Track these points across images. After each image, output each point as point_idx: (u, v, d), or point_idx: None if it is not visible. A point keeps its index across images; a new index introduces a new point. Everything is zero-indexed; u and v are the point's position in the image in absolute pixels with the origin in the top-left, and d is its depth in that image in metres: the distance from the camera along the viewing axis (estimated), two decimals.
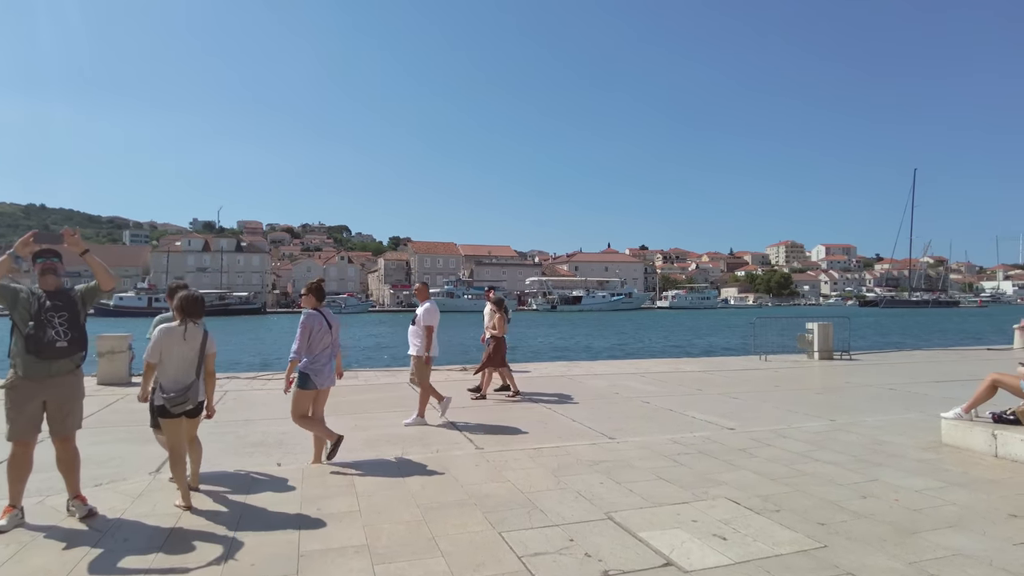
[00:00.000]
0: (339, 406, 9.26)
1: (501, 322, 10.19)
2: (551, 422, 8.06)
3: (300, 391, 5.78)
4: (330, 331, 5.88)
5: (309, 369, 5.73)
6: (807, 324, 17.09)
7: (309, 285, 5.97)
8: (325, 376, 5.84)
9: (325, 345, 5.82)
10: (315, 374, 5.74)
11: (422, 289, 8.61)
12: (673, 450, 6.27)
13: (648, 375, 13.10)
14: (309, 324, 5.74)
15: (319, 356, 5.78)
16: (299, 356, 5.73)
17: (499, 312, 10.25)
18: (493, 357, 10.04)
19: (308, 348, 5.73)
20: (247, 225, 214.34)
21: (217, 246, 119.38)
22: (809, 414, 8.57)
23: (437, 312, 8.20)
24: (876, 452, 6.18)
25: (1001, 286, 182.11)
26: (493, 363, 10.08)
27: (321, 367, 5.78)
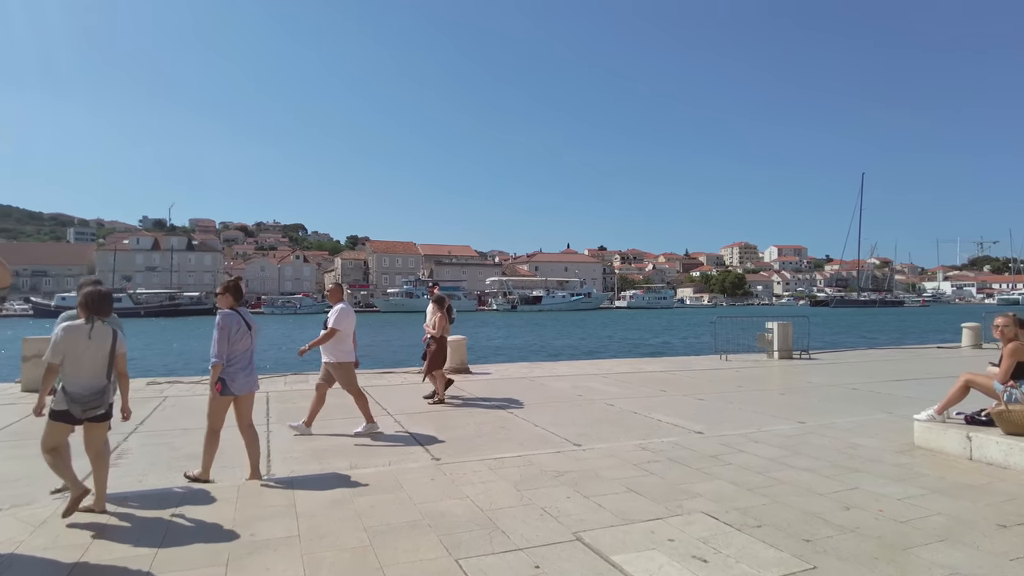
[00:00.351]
0: (287, 413, 8.68)
1: (442, 322, 9.59)
2: (513, 428, 7.64)
3: (215, 397, 5.29)
4: (249, 332, 5.40)
5: (225, 373, 5.25)
6: (767, 324, 17.09)
7: (226, 283, 5.53)
8: (243, 381, 5.36)
9: (244, 348, 5.37)
10: (231, 379, 5.27)
11: (335, 291, 7.92)
12: (642, 458, 5.92)
13: (611, 376, 12.81)
14: (227, 325, 5.27)
15: (237, 359, 5.32)
16: (221, 360, 5.24)
17: (440, 311, 9.65)
18: (435, 359, 9.49)
19: (227, 351, 5.27)
20: (200, 223, 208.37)
21: (167, 244, 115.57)
22: (777, 416, 8.35)
23: (351, 316, 7.59)
24: (851, 457, 5.94)
25: (941, 286, 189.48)
26: (436, 365, 9.52)
27: (238, 371, 5.31)
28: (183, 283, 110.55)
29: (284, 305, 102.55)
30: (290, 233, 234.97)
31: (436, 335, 9.51)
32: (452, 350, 13.20)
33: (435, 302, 9.79)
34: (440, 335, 9.55)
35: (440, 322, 9.54)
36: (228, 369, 5.26)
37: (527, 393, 10.52)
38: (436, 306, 9.70)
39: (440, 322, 9.54)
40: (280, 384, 11.68)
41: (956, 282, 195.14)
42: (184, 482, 5.29)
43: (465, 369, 13.21)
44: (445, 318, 9.68)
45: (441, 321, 9.55)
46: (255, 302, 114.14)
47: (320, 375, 7.83)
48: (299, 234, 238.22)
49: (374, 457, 6.22)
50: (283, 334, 45.98)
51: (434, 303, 9.79)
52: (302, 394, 10.40)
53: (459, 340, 13.32)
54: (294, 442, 6.98)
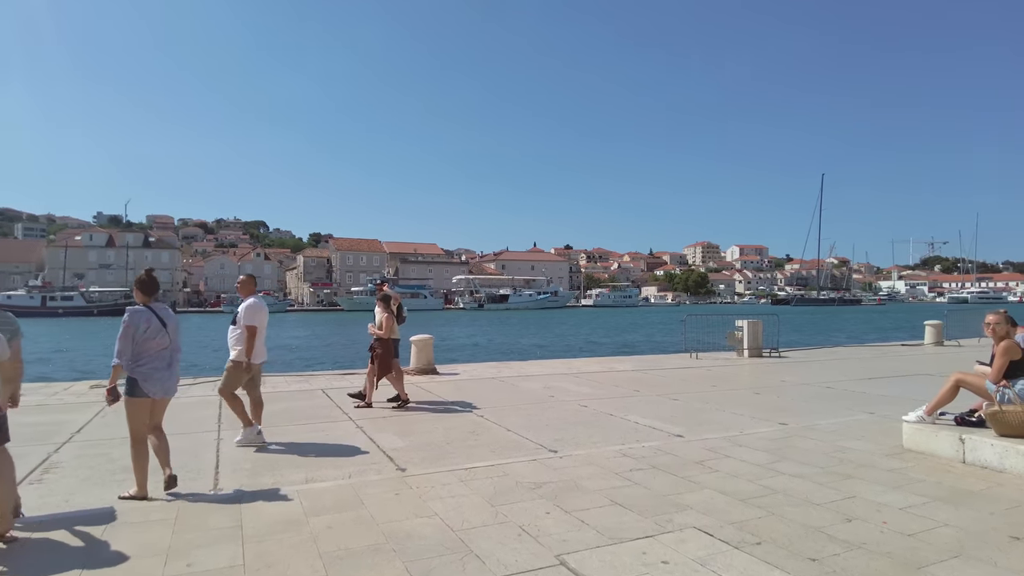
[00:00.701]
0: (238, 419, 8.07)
1: (389, 322, 8.90)
2: (484, 433, 7.19)
3: (129, 400, 4.79)
4: (165, 330, 4.90)
5: (137, 373, 4.76)
6: (737, 322, 16.96)
7: (138, 278, 5.04)
8: (160, 382, 4.86)
9: (160, 346, 4.87)
10: (144, 379, 4.78)
11: (246, 282, 7.05)
12: (624, 465, 5.53)
13: (582, 376, 12.45)
14: (133, 323, 4.77)
15: (151, 359, 4.82)
16: (121, 361, 4.74)
17: (387, 311, 8.98)
18: (382, 361, 8.83)
19: (136, 350, 4.79)
20: (157, 220, 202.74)
21: (123, 241, 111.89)
22: (756, 417, 8.07)
23: (263, 310, 6.84)
24: (841, 461, 5.64)
25: (896, 285, 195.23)
26: (386, 368, 8.86)
27: (152, 371, 4.81)
28: None
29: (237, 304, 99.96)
30: (251, 230, 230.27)
31: (385, 336, 8.85)
32: (419, 350, 12.71)
33: (381, 300, 9.07)
34: (387, 336, 8.89)
35: (387, 322, 8.86)
36: (140, 369, 4.78)
37: (497, 394, 10.08)
38: (382, 305, 9.01)
39: (387, 322, 8.86)
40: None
41: (910, 281, 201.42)
42: (119, 501, 4.72)
43: (432, 370, 12.70)
44: (392, 318, 9.02)
45: (388, 321, 8.87)
46: (214, 301, 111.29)
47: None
48: (260, 231, 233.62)
49: (333, 468, 5.70)
50: None
51: (380, 301, 9.08)
52: None
53: (426, 340, 12.82)
54: (245, 451, 6.41)
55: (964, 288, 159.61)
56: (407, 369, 12.68)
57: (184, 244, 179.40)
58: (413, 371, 12.51)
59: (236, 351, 6.73)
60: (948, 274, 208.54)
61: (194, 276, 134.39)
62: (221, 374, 7.22)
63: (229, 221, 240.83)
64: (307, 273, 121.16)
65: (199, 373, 20.65)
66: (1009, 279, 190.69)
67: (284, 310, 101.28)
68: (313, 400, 9.56)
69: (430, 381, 11.66)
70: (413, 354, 12.74)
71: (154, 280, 5.04)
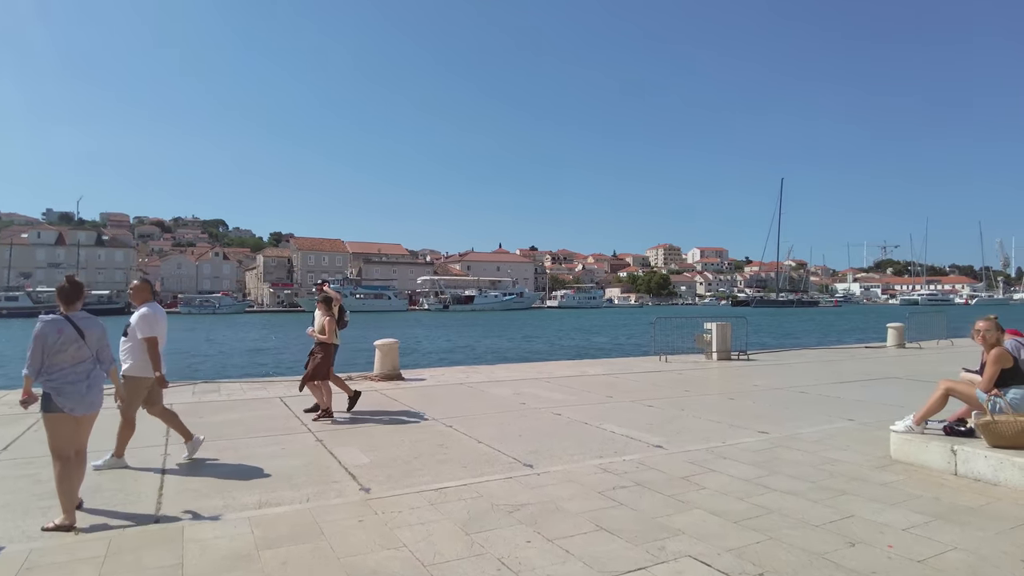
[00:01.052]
0: (191, 429, 7.49)
1: (331, 325, 8.38)
2: (454, 445, 6.76)
3: (47, 416, 4.35)
4: (83, 340, 4.45)
5: (48, 386, 4.32)
6: (705, 324, 16.87)
7: (58, 285, 4.61)
8: (75, 397, 4.39)
9: (76, 359, 4.43)
10: (57, 392, 4.32)
11: (140, 288, 6.12)
12: (606, 482, 5.17)
13: (553, 380, 12.12)
14: (43, 332, 4.34)
15: (66, 372, 4.38)
16: (31, 372, 4.31)
17: (328, 313, 8.45)
18: (319, 367, 8.23)
19: (48, 362, 4.36)
20: (111, 217, 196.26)
21: (74, 239, 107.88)
22: (736, 426, 7.82)
23: (161, 319, 6.01)
24: (831, 475, 5.39)
25: (851, 287, 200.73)
26: (320, 374, 8.26)
27: (64, 385, 4.35)
28: (92, 281, 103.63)
29: (202, 304, 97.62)
30: (210, 229, 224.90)
31: (327, 341, 8.28)
32: (383, 354, 12.19)
33: (322, 302, 8.53)
34: (328, 341, 8.32)
35: (328, 326, 8.33)
36: (51, 382, 4.33)
37: (466, 402, 9.66)
38: (323, 307, 8.47)
39: (328, 326, 8.33)
40: (188, 394, 10.37)
41: (864, 283, 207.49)
42: (42, 533, 4.17)
43: (397, 375, 12.21)
44: (334, 321, 8.48)
45: (330, 324, 8.35)
46: (171, 302, 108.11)
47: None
48: (219, 230, 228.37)
49: (290, 489, 5.21)
50: (200, 337, 43.24)
51: (320, 303, 8.54)
52: (212, 407, 9.21)
53: (390, 344, 12.32)
54: (194, 469, 5.87)
55: (915, 291, 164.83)
56: (371, 375, 12.17)
57: (140, 243, 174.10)
58: (377, 377, 12.01)
59: (128, 365, 5.92)
60: (900, 277, 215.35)
61: (150, 276, 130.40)
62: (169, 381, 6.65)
63: (187, 220, 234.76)
64: (267, 273, 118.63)
65: None
66: (955, 282, 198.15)
67: (243, 311, 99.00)
68: (270, 409, 9.01)
69: (395, 388, 11.18)
70: (377, 359, 12.23)
71: (76, 287, 4.59)
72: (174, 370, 24.23)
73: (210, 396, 10.28)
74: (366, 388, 11.10)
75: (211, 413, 8.75)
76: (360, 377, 12.27)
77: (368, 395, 10.33)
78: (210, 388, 11.19)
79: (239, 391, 10.92)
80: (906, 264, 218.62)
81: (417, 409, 9.00)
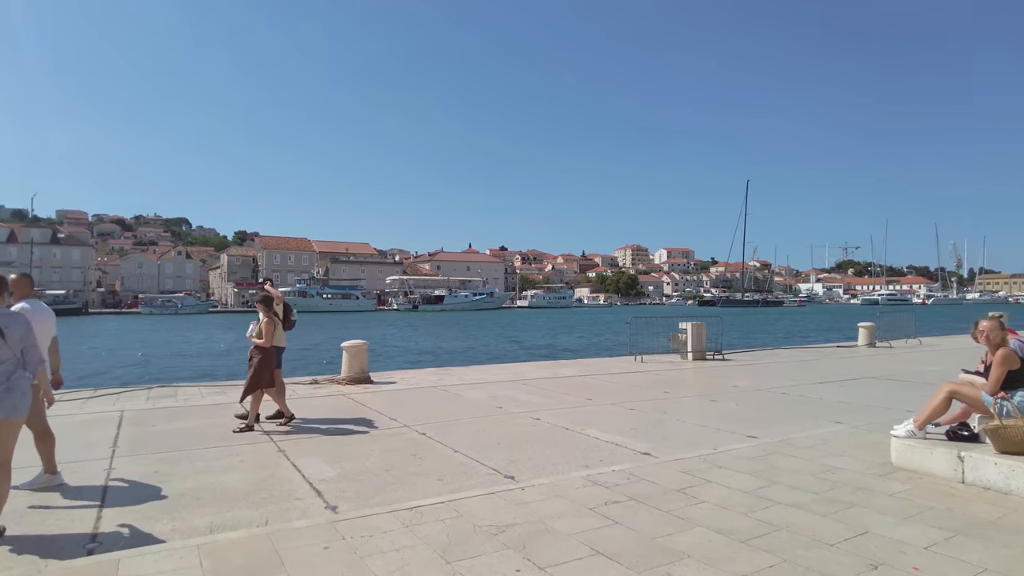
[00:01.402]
0: (142, 439, 6.90)
1: (269, 327, 7.58)
2: (428, 455, 6.28)
3: None
4: (3, 340, 3.90)
5: None
6: (680, 324, 16.64)
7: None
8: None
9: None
10: None
11: (19, 283, 5.18)
12: (596, 497, 4.75)
13: (529, 383, 11.70)
14: None
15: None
16: None
17: (267, 314, 7.67)
18: (259, 374, 7.41)
19: None
20: (68, 215, 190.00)
21: (27, 237, 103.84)
22: (723, 430, 7.48)
23: (41, 318, 5.10)
24: (834, 484, 5.05)
25: (814, 287, 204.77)
26: (258, 382, 7.43)
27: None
28: (46, 280, 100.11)
29: (164, 305, 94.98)
30: (173, 227, 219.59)
31: (265, 344, 7.52)
32: (351, 356, 11.62)
33: (261, 303, 7.75)
34: (268, 344, 7.56)
35: (267, 328, 7.55)
36: None
37: (440, 406, 9.17)
38: (263, 308, 7.69)
39: (267, 328, 7.55)
40: (141, 401, 9.68)
41: (826, 283, 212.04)
42: None
43: (366, 378, 11.64)
44: (273, 322, 7.72)
45: (268, 326, 7.56)
46: (131, 302, 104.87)
47: None
48: (183, 229, 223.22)
49: (247, 508, 4.68)
50: (160, 338, 41.78)
51: (260, 304, 7.76)
52: (167, 414, 8.58)
53: (359, 345, 11.74)
54: (142, 486, 5.29)
55: (875, 291, 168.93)
56: (338, 379, 11.60)
57: (99, 241, 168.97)
58: (344, 380, 11.43)
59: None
60: (860, 277, 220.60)
61: (109, 275, 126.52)
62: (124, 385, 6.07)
63: (149, 218, 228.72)
64: (231, 273, 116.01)
65: (104, 383, 18.79)
66: (913, 282, 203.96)
67: (207, 311, 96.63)
68: (230, 416, 8.39)
69: (364, 392, 10.62)
70: (345, 361, 11.65)
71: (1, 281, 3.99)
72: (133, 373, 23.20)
73: (166, 401, 9.61)
74: (333, 392, 10.55)
75: (165, 420, 8.14)
76: (327, 380, 11.69)
77: (335, 400, 9.78)
78: (167, 393, 10.50)
79: (197, 396, 10.26)
80: (866, 265, 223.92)
81: (387, 414, 8.48)
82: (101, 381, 19.55)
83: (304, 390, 10.76)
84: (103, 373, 22.94)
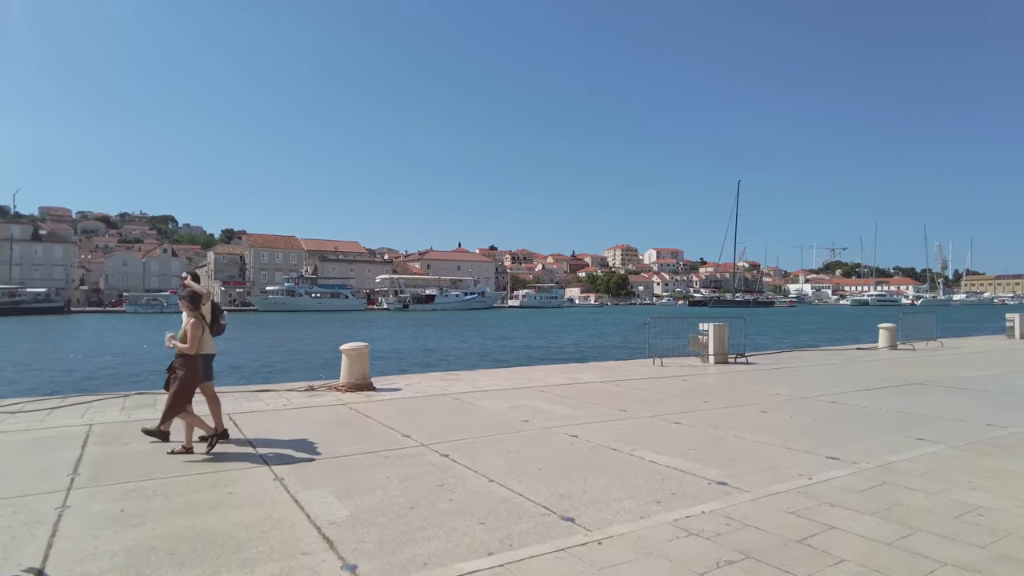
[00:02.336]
0: (109, 464, 5.68)
1: (195, 332, 6.04)
2: (457, 486, 5.14)
3: None
4: None
5: None
6: (701, 325, 15.61)
7: None
8: None
9: None
10: None
11: None
12: (700, 555, 3.63)
13: (547, 390, 10.59)
14: None
15: None
16: None
17: (194, 315, 6.19)
18: (184, 391, 6.02)
19: None
20: (51, 212, 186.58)
21: (7, 234, 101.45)
22: (793, 448, 6.41)
23: None
24: (995, 532, 3.96)
25: (803, 288, 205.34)
26: (183, 398, 6.04)
27: None
28: (27, 278, 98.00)
29: (149, 303, 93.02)
30: (158, 225, 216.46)
31: (190, 351, 6.02)
32: (351, 361, 10.44)
33: (185, 300, 6.25)
34: (193, 351, 6.04)
35: (192, 331, 6.04)
36: None
37: (457, 419, 8.03)
38: (187, 306, 6.22)
39: (192, 331, 6.04)
40: (115, 411, 8.46)
41: (815, 284, 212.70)
42: None
43: (368, 385, 10.47)
44: (201, 325, 6.22)
45: (194, 330, 6.06)
46: (115, 300, 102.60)
47: None
48: (169, 226, 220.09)
49: (238, 569, 3.53)
50: (143, 338, 40.24)
51: (184, 302, 6.25)
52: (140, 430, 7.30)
53: (360, 348, 10.56)
54: (103, 530, 4.12)
55: (864, 291, 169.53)
56: (337, 385, 10.43)
57: (83, 238, 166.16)
58: (344, 387, 10.27)
59: None
60: (848, 278, 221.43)
61: (93, 273, 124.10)
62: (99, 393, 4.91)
63: (134, 215, 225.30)
64: (218, 271, 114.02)
65: (79, 389, 17.46)
66: (900, 283, 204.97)
67: None
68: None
69: (367, 400, 9.47)
70: (344, 366, 10.48)
71: None
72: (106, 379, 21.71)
73: (143, 412, 8.38)
74: (333, 400, 9.39)
75: (141, 437, 6.87)
76: (325, 387, 10.52)
77: (336, 411, 8.62)
78: (145, 402, 9.21)
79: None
80: (854, 266, 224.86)
81: (399, 429, 7.33)
82: (80, 384, 18.22)
83: (300, 398, 9.59)
84: (74, 370, 21.58)
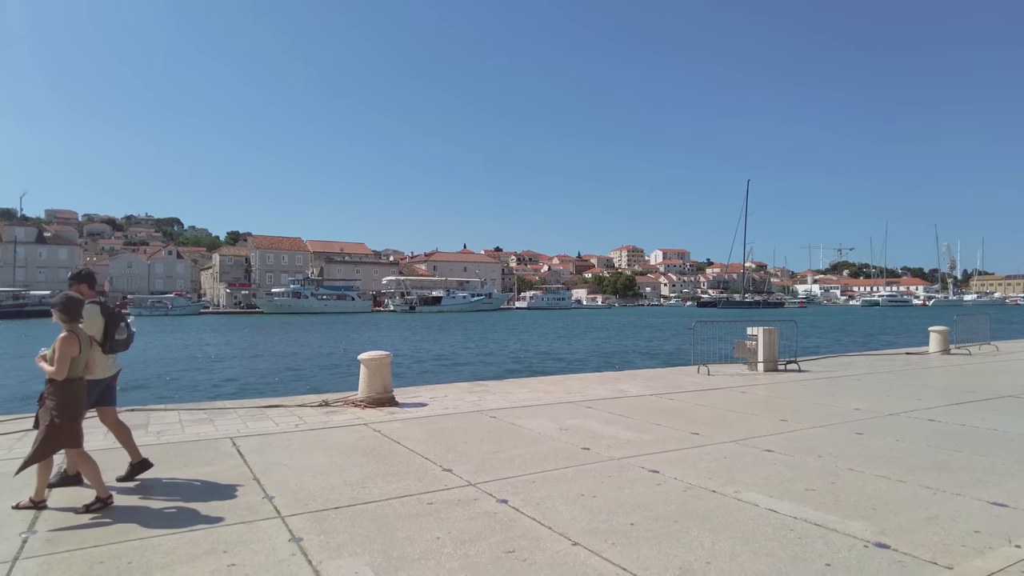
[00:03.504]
0: (76, 520, 4.38)
1: (65, 349, 4.44)
2: (535, 555, 3.83)
3: None
4: None
5: None
6: (749, 329, 14.28)
7: None
8: None
9: None
10: None
11: None
12: None
13: (594, 405, 9.29)
14: None
15: None
16: None
17: (69, 327, 4.59)
18: (58, 431, 4.41)
19: None
20: (58, 215, 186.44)
21: (11, 236, 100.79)
22: (933, 488, 5.09)
23: None
24: None
25: (812, 289, 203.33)
26: (57, 444, 4.46)
27: None
28: (32, 280, 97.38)
29: (154, 305, 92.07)
30: (164, 227, 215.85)
31: (58, 376, 4.45)
32: (371, 372, 9.12)
33: (57, 307, 4.64)
34: (61, 378, 4.46)
35: (62, 349, 4.45)
36: None
37: (502, 446, 6.71)
38: (61, 316, 4.62)
39: (62, 349, 4.45)
40: (98, 437, 7.13)
41: (823, 285, 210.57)
42: None
43: (390, 399, 9.18)
44: (73, 341, 4.51)
45: (65, 348, 4.45)
46: (120, 302, 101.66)
47: None
48: (174, 228, 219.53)
49: None
50: (147, 341, 39.07)
51: (57, 309, 4.63)
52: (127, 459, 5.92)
53: (381, 358, 9.25)
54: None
55: (875, 292, 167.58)
56: (355, 398, 9.14)
57: (88, 241, 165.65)
58: (364, 402, 8.98)
59: None
60: (856, 279, 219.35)
61: (98, 275, 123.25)
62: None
63: (140, 218, 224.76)
64: (223, 273, 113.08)
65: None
66: (909, 283, 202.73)
67: (198, 312, 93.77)
68: (217, 463, 5.96)
69: (391, 419, 8.17)
70: (364, 378, 9.19)
71: None
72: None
73: (134, 435, 7.06)
74: (352, 419, 8.09)
75: (124, 468, 5.57)
76: (341, 401, 9.24)
77: (357, 433, 7.31)
78: (137, 421, 7.90)
79: (177, 425, 7.80)
80: (861, 266, 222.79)
81: (436, 460, 6.04)
82: None
83: (314, 416, 8.31)
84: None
